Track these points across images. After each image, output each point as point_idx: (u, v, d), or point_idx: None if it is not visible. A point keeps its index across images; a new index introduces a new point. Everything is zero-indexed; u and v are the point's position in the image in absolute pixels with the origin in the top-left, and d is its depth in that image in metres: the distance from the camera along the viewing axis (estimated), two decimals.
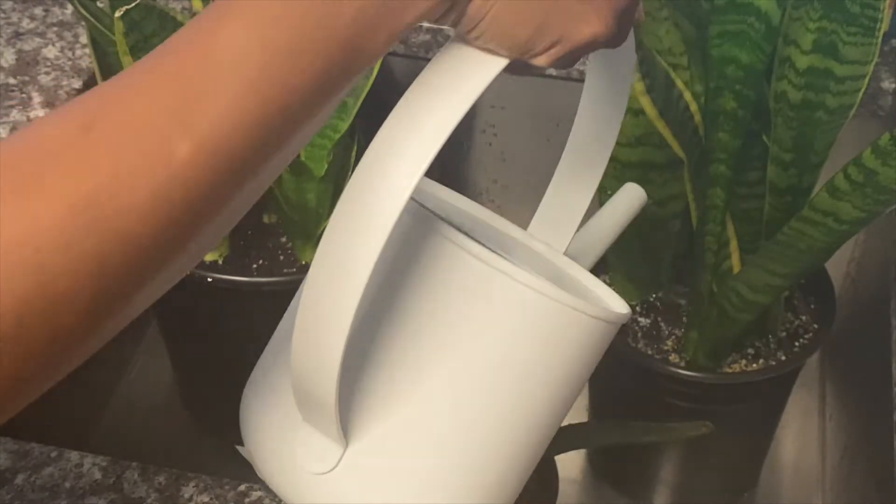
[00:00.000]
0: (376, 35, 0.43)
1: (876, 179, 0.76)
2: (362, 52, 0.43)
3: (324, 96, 0.43)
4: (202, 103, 0.40)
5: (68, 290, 0.38)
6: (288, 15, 0.41)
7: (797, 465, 1.21)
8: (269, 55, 0.41)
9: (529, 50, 0.46)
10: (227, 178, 0.41)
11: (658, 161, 0.96)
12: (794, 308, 1.06)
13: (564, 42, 0.47)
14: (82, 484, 0.77)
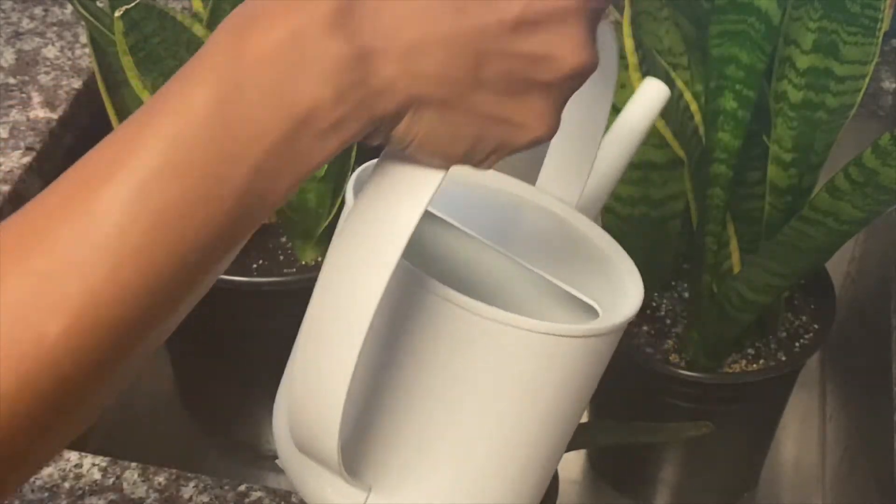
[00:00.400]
0: (276, 188, 0.39)
1: (876, 179, 0.76)
2: (263, 203, 0.39)
3: (221, 251, 0.39)
4: (77, 275, 0.36)
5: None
6: (177, 171, 0.37)
7: (797, 465, 1.21)
8: (156, 217, 0.37)
9: (467, 162, 0.43)
10: (109, 350, 0.37)
11: (658, 161, 0.96)
12: (794, 308, 1.06)
13: (504, 148, 0.43)
14: (82, 484, 0.77)
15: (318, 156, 0.39)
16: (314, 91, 0.38)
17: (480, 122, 0.41)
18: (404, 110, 0.39)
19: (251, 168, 0.38)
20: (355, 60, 0.38)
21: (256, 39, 0.37)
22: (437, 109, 0.40)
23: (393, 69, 0.38)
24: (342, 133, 0.39)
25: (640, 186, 0.98)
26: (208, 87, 0.38)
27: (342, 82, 0.38)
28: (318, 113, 0.38)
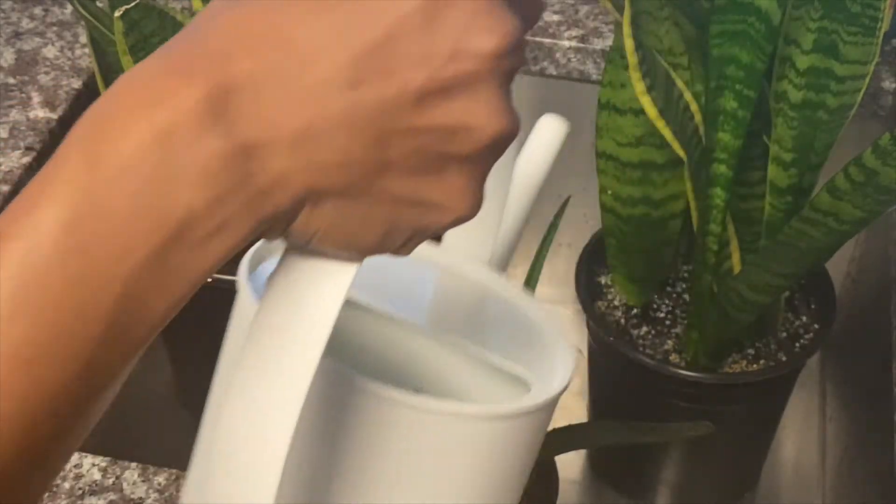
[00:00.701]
0: (151, 310, 0.34)
1: (876, 179, 0.75)
2: (132, 332, 0.34)
3: (87, 392, 0.34)
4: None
5: None
6: (28, 307, 0.32)
7: (797, 465, 1.21)
8: (13, 361, 0.32)
9: (382, 251, 0.37)
10: None
11: (658, 161, 0.96)
12: (794, 308, 1.06)
13: (423, 232, 0.37)
14: (81, 484, 0.77)
15: (200, 268, 0.34)
16: (187, 198, 0.32)
17: (392, 207, 0.36)
18: (300, 206, 0.34)
19: (117, 294, 0.32)
20: (235, 157, 0.33)
21: (114, 144, 0.32)
22: (339, 199, 0.35)
23: (283, 161, 0.33)
24: (226, 240, 0.34)
25: (641, 186, 0.98)
26: (59, 204, 0.32)
27: (220, 184, 0.33)
28: (194, 222, 0.33)
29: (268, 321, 0.38)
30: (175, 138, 0.32)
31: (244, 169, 0.33)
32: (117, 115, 0.33)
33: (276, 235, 0.36)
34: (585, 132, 1.18)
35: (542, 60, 1.13)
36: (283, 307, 0.38)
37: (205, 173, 0.32)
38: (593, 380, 1.17)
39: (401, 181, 0.35)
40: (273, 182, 0.34)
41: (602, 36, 1.12)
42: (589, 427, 1.05)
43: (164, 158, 0.32)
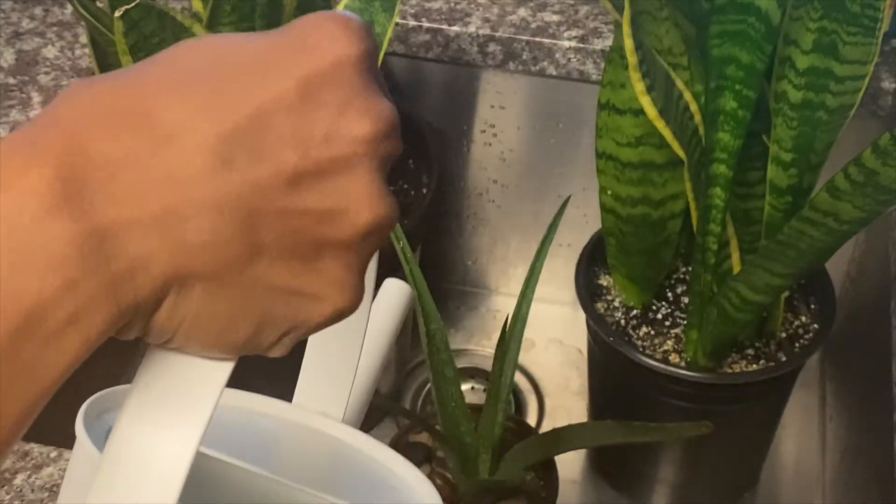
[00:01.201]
0: (9, 408, 0.30)
1: (876, 179, 0.76)
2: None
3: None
4: None
5: None
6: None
7: (797, 465, 1.21)
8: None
9: (254, 348, 0.35)
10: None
11: (658, 161, 0.96)
12: (794, 308, 1.06)
13: (299, 328, 0.35)
14: None
15: (56, 364, 0.31)
16: (36, 284, 0.30)
17: (264, 297, 0.34)
18: (164, 292, 0.32)
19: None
20: (89, 240, 0.30)
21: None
22: (207, 286, 0.33)
23: (143, 244, 0.31)
24: (81, 331, 0.31)
25: (640, 186, 0.98)
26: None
27: (71, 270, 0.30)
28: (45, 310, 0.30)
29: (136, 418, 0.35)
30: (22, 221, 0.30)
31: (99, 253, 0.31)
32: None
33: (137, 331, 0.33)
34: (585, 132, 1.18)
35: (542, 60, 1.13)
36: (150, 411, 0.35)
37: (53, 259, 0.30)
38: (593, 380, 1.17)
39: (274, 268, 0.34)
40: (132, 266, 0.31)
41: (602, 36, 1.12)
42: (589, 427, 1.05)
43: (10, 242, 0.30)
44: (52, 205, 0.30)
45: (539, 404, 1.26)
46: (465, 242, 1.33)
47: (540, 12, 1.15)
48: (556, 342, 1.31)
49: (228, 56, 0.34)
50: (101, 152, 0.31)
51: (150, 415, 0.35)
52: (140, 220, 0.31)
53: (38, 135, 0.31)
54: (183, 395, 0.35)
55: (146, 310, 0.32)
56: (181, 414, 0.35)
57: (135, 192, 0.31)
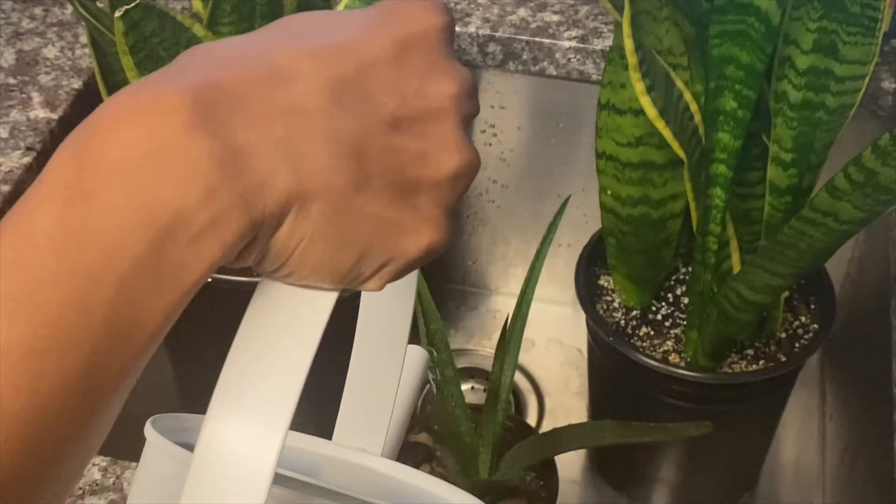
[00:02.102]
0: (151, 309, 0.34)
1: (876, 179, 0.76)
2: (135, 333, 0.34)
3: (93, 395, 0.34)
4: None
5: None
6: (24, 301, 0.32)
7: (797, 465, 1.21)
8: (4, 362, 0.32)
9: (356, 277, 0.38)
10: None
11: (658, 161, 0.96)
12: (794, 308, 1.06)
13: (397, 260, 0.39)
14: (82, 484, 0.77)
15: (197, 267, 0.34)
16: (178, 192, 0.33)
17: (369, 225, 0.37)
18: (287, 208, 0.35)
19: (114, 289, 0.33)
20: (224, 154, 0.34)
21: (104, 144, 0.33)
22: (323, 208, 0.36)
23: (270, 162, 0.35)
24: (220, 237, 0.34)
25: (640, 186, 0.98)
26: (53, 202, 0.33)
27: (211, 179, 0.34)
28: (187, 216, 0.33)
29: (248, 344, 0.38)
30: (164, 138, 0.33)
31: (234, 167, 0.34)
32: (106, 119, 0.34)
33: (259, 251, 0.36)
34: (585, 132, 1.18)
35: (542, 60, 1.13)
36: (263, 329, 0.38)
37: (194, 168, 0.33)
38: (593, 380, 1.17)
39: (378, 199, 0.37)
40: (261, 181, 0.35)
41: (602, 36, 1.12)
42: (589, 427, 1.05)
43: (153, 155, 0.33)
44: (192, 122, 0.34)
45: (539, 404, 1.26)
46: (465, 242, 1.33)
47: (540, 12, 1.15)
48: (556, 342, 1.31)
49: (332, 22, 0.39)
50: (231, 86, 0.35)
51: (254, 366, 0.38)
52: (267, 142, 0.35)
53: (172, 73, 0.35)
54: (291, 324, 0.38)
55: (270, 225, 0.35)
56: (289, 343, 0.38)
57: (262, 118, 0.35)
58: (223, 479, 0.37)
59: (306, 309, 0.38)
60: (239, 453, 0.37)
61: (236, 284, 0.99)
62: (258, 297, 0.39)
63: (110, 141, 0.33)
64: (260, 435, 0.37)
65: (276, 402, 0.37)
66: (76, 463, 0.35)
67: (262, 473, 0.37)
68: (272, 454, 0.37)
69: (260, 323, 0.38)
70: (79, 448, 0.35)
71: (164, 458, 0.48)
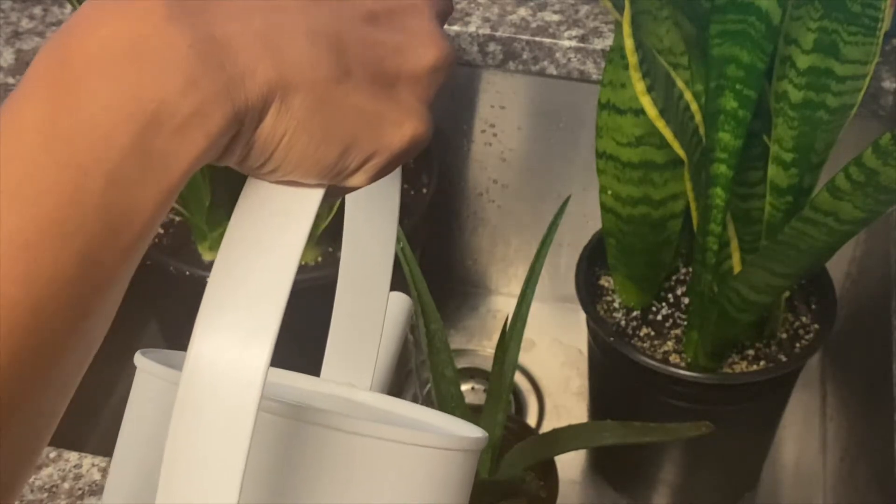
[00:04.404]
0: (142, 199, 0.34)
1: (877, 179, 0.75)
2: (128, 223, 0.34)
3: (90, 287, 0.34)
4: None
5: None
6: (13, 201, 0.32)
7: (798, 465, 1.21)
8: (0, 252, 0.32)
9: (341, 171, 0.39)
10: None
11: (658, 161, 0.96)
12: (794, 308, 1.06)
13: (381, 152, 0.39)
14: (81, 484, 0.77)
15: (184, 157, 0.35)
16: (160, 83, 0.34)
17: (352, 117, 0.38)
18: (270, 99, 0.36)
19: (105, 178, 0.33)
20: (204, 46, 0.35)
21: (85, 40, 0.34)
22: (305, 99, 0.37)
23: (251, 53, 0.36)
24: (204, 126, 0.35)
25: (641, 186, 0.98)
26: (38, 99, 0.33)
27: (192, 69, 0.34)
28: (170, 106, 0.34)
29: (234, 247, 0.38)
30: (142, 29, 0.34)
31: (214, 58, 0.35)
32: (85, 17, 0.34)
33: (243, 146, 0.37)
34: (585, 132, 1.18)
35: (542, 60, 1.13)
36: (252, 226, 0.38)
37: (175, 59, 0.34)
38: (593, 380, 1.17)
39: (360, 91, 0.38)
40: (242, 72, 0.35)
41: (602, 36, 1.12)
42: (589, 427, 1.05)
43: (133, 48, 0.34)
44: (171, 15, 0.34)
45: (539, 404, 1.26)
46: (465, 242, 1.33)
47: (540, 12, 1.15)
48: (557, 342, 1.31)
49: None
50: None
51: (243, 262, 0.38)
52: (246, 34, 0.36)
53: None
54: (277, 222, 0.38)
55: (253, 118, 0.36)
56: (276, 242, 0.38)
57: (240, 11, 0.36)
58: (213, 390, 0.37)
59: (292, 205, 0.38)
60: (228, 363, 0.37)
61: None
62: (243, 198, 0.39)
63: (91, 37, 0.34)
64: (249, 342, 0.37)
65: (265, 307, 0.37)
66: (75, 360, 0.35)
67: (252, 382, 0.36)
68: (262, 360, 0.36)
69: (246, 224, 0.38)
70: (77, 342, 0.35)
71: (154, 380, 0.49)
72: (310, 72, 0.37)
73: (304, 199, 0.39)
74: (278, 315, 0.37)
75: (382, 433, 0.45)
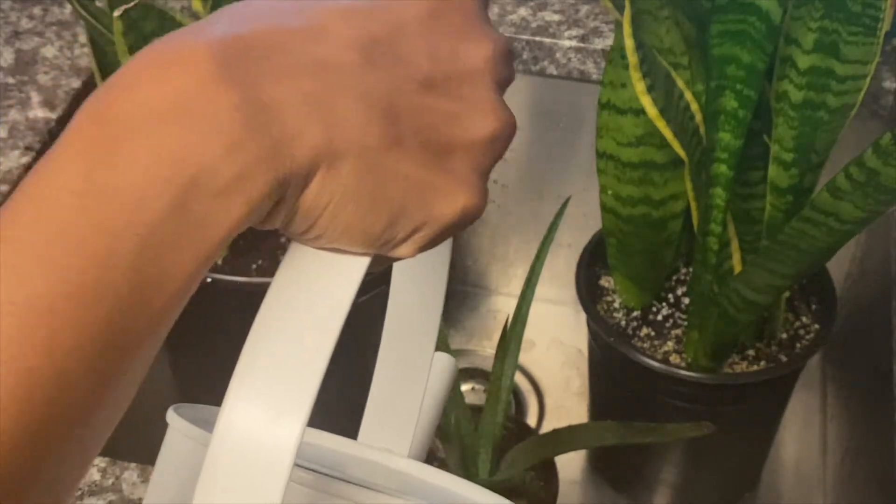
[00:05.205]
0: (176, 265, 0.33)
1: (877, 179, 0.75)
2: (159, 289, 0.33)
3: (117, 352, 0.33)
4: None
5: None
6: (40, 264, 0.31)
7: (798, 465, 1.21)
8: (20, 318, 0.31)
9: (388, 241, 0.37)
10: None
11: (659, 161, 0.96)
12: (795, 309, 1.06)
13: (431, 224, 0.37)
14: (81, 484, 0.77)
15: (223, 224, 0.33)
16: (203, 145, 0.32)
17: (402, 186, 0.36)
18: (316, 165, 0.34)
19: (137, 244, 0.32)
20: (251, 108, 0.33)
21: (127, 98, 0.33)
22: (353, 166, 0.35)
23: (298, 116, 0.34)
24: (246, 192, 0.33)
25: (641, 186, 0.98)
26: (75, 157, 0.32)
27: (234, 133, 0.33)
28: (211, 170, 0.32)
29: (273, 313, 0.37)
30: (187, 89, 0.33)
31: (260, 120, 0.33)
32: (130, 73, 0.33)
33: (287, 210, 0.35)
34: (585, 132, 1.18)
35: (542, 60, 1.13)
36: (293, 294, 0.37)
37: (219, 121, 0.33)
38: (593, 380, 1.17)
39: (411, 159, 0.36)
40: (289, 135, 0.34)
41: (602, 36, 1.12)
42: (589, 427, 1.05)
43: (177, 108, 0.32)
44: (218, 75, 0.33)
45: (539, 404, 1.26)
46: (465, 242, 1.33)
47: (540, 12, 1.15)
48: (557, 342, 1.31)
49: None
50: (259, 39, 0.34)
51: (281, 329, 0.36)
52: (295, 96, 0.34)
53: (200, 27, 0.34)
54: (320, 291, 0.37)
55: (298, 184, 0.34)
56: (317, 311, 0.36)
57: (290, 71, 0.34)
58: (241, 459, 0.35)
59: (336, 275, 0.37)
60: (259, 432, 0.35)
61: (236, 285, 0.99)
62: (286, 262, 0.37)
63: (133, 94, 0.33)
64: (281, 417, 0.35)
65: (300, 381, 0.35)
66: (97, 428, 0.34)
67: (284, 453, 0.35)
68: (295, 433, 0.35)
69: (287, 290, 0.37)
70: (100, 410, 0.34)
71: (185, 440, 0.48)
72: (360, 137, 0.35)
73: (348, 268, 0.37)
74: (314, 390, 0.35)
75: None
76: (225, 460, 0.35)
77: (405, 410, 0.54)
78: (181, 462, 0.48)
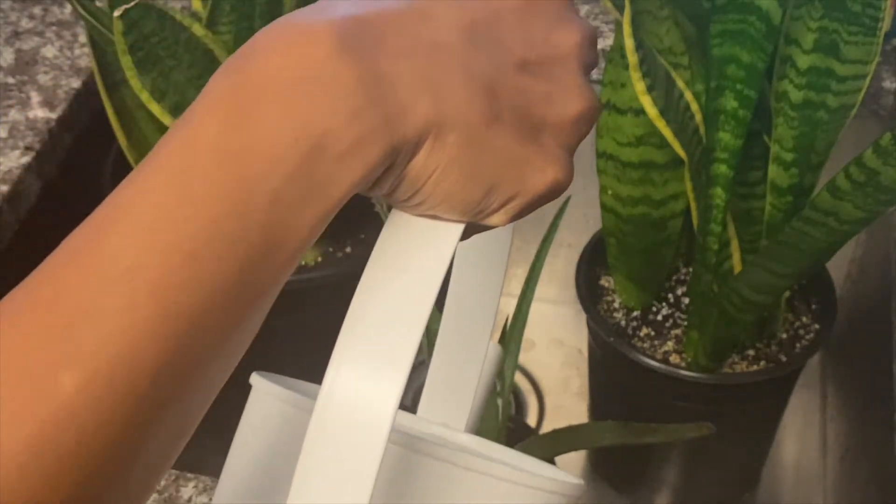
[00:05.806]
0: (301, 219, 0.36)
1: (877, 179, 0.75)
2: (285, 241, 0.36)
3: (245, 299, 0.36)
4: (88, 323, 0.33)
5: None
6: (189, 205, 0.34)
7: (798, 465, 1.21)
8: (168, 258, 0.34)
9: (483, 210, 0.40)
10: (134, 409, 0.34)
11: (659, 161, 0.96)
12: (794, 309, 1.06)
13: (523, 195, 0.40)
14: None
15: (342, 184, 0.36)
16: (327, 112, 0.36)
17: (499, 159, 0.39)
18: (425, 135, 0.37)
19: (270, 197, 0.35)
20: (370, 80, 0.36)
21: (260, 68, 0.36)
22: (458, 138, 0.38)
23: (412, 90, 0.37)
24: (364, 156, 0.36)
25: (641, 186, 0.98)
26: (214, 117, 0.35)
27: (356, 102, 0.36)
28: (334, 134, 0.36)
29: (375, 279, 0.39)
30: (313, 63, 0.36)
31: (377, 92, 0.36)
32: (260, 46, 0.36)
33: (394, 177, 0.38)
34: None
35: None
36: (393, 258, 0.40)
37: (342, 91, 0.36)
38: (593, 380, 1.17)
39: (508, 134, 0.39)
40: (403, 107, 0.37)
41: (602, 36, 1.12)
42: (589, 427, 1.05)
43: (305, 78, 0.35)
44: (340, 49, 0.36)
45: (539, 404, 1.26)
46: None
47: None
48: (557, 342, 1.31)
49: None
50: (374, 20, 0.37)
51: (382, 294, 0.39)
52: (409, 71, 0.37)
53: (319, 9, 0.37)
54: (419, 253, 0.40)
55: (408, 151, 0.37)
56: (415, 275, 0.39)
57: (405, 49, 0.37)
58: (345, 424, 0.38)
59: (433, 239, 0.40)
60: (361, 398, 0.38)
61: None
62: (387, 228, 0.40)
63: (265, 65, 0.36)
64: (381, 378, 0.38)
65: (399, 343, 0.38)
66: (222, 368, 0.37)
67: (386, 407, 0.38)
68: (394, 397, 0.38)
69: (388, 253, 0.40)
70: (226, 351, 0.36)
71: (271, 400, 0.51)
72: (464, 112, 0.38)
73: (445, 233, 0.40)
74: (413, 349, 0.38)
75: (495, 471, 0.46)
76: (329, 423, 0.38)
77: (463, 389, 0.56)
78: (267, 421, 0.51)
